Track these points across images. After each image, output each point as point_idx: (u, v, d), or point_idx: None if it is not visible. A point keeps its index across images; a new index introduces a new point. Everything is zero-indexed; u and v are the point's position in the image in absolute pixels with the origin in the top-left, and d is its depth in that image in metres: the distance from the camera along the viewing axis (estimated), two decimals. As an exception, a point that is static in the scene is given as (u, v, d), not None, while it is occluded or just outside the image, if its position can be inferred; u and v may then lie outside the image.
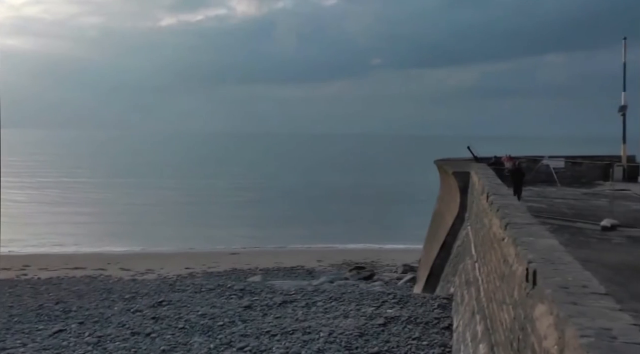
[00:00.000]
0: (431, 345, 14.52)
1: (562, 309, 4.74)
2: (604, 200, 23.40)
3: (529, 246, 7.27)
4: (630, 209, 21.65)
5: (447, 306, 17.49)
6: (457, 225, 24.21)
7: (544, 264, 6.31)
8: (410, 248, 40.88)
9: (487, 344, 9.30)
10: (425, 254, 30.43)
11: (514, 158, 29.12)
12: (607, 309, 4.79)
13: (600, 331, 4.17)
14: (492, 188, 14.63)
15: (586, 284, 5.55)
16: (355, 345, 14.84)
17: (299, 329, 16.12)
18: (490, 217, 11.61)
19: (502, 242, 9.13)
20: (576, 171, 32.94)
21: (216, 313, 18.05)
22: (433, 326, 15.88)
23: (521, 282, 6.77)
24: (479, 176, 18.75)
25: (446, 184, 29.61)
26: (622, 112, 33.93)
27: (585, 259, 11.37)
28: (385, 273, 34.96)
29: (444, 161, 30.57)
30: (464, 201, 23.83)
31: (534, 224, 9.28)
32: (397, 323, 16.22)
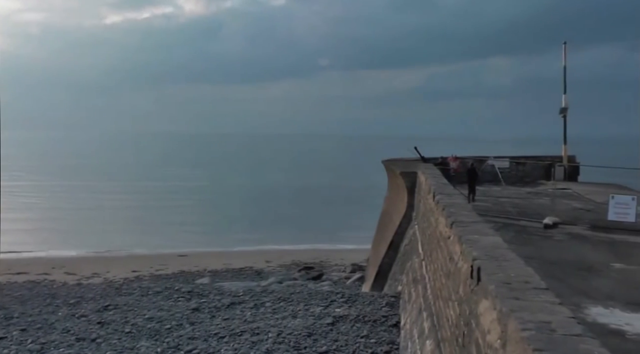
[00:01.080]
0: (379, 343, 14.65)
1: (505, 304, 4.86)
2: (546, 199, 24.02)
3: (473, 244, 7.41)
4: (570, 208, 22.30)
5: (394, 304, 17.68)
6: (405, 224, 24.48)
7: (488, 261, 6.46)
8: (358, 248, 41.12)
9: (434, 341, 9.45)
10: (373, 253, 30.65)
11: (459, 158, 29.61)
12: (548, 303, 4.94)
13: (541, 324, 4.31)
14: (439, 188, 14.86)
15: (528, 279, 5.70)
16: (304, 345, 14.86)
17: (247, 331, 16.04)
18: (437, 216, 11.81)
19: (448, 240, 9.30)
20: (520, 171, 33.68)
21: (164, 316, 17.80)
22: (381, 324, 16.03)
23: (466, 279, 6.91)
24: (426, 176, 19.01)
25: (394, 184, 29.89)
26: (563, 114, 34.91)
27: (528, 256, 11.67)
28: (334, 273, 35.09)
29: (392, 161, 30.82)
30: (411, 201, 24.12)
31: (478, 222, 9.46)
32: (345, 321, 16.31)
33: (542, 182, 31.82)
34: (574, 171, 33.64)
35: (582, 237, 16.53)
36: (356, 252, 39.95)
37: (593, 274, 11.75)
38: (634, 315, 8.91)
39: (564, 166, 33.02)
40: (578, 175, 33.85)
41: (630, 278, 11.58)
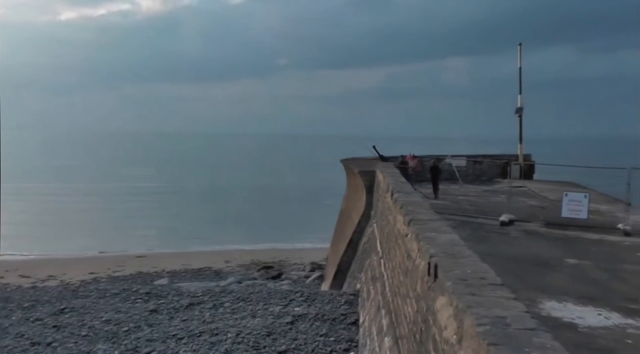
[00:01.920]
0: (338, 341, 14.69)
1: (461, 300, 4.92)
2: (502, 196, 24.41)
3: (431, 242, 7.48)
4: (526, 205, 22.71)
5: (353, 302, 17.75)
6: (363, 223, 24.60)
7: (445, 258, 6.52)
8: (317, 247, 41.21)
9: (392, 338, 9.51)
10: (332, 252, 30.74)
11: (417, 157, 29.94)
12: (503, 298, 5.01)
13: (496, 319, 4.37)
14: (397, 186, 14.96)
15: (484, 276, 5.78)
16: (263, 344, 14.80)
17: (206, 331, 15.90)
18: (395, 215, 11.89)
19: (405, 238, 9.37)
20: (477, 169, 34.20)
21: (121, 318, 17.51)
22: (340, 322, 16.07)
23: (423, 276, 6.97)
24: (384, 175, 19.14)
25: (352, 183, 30.01)
26: (519, 114, 35.62)
27: (485, 253, 11.84)
28: (294, 272, 35.09)
29: (350, 160, 30.95)
30: (370, 199, 24.25)
31: (436, 220, 9.55)
32: (304, 320, 16.31)
33: (499, 180, 32.36)
34: (530, 169, 34.34)
35: (537, 233, 16.85)
36: (315, 251, 40.04)
37: (548, 270, 11.98)
38: (586, 309, 9.12)
39: (520, 165, 33.66)
40: (533, 173, 34.56)
41: (583, 273, 11.85)
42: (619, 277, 11.61)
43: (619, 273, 12.00)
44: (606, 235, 16.60)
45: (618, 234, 16.69)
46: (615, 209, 20.77)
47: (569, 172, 31.20)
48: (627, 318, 8.73)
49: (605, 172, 20.11)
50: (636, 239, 16.01)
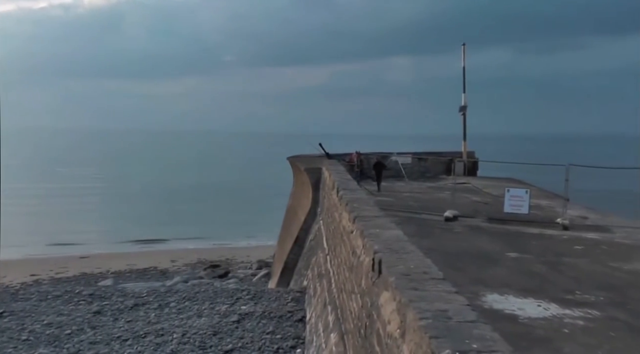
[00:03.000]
0: (285, 338, 14.71)
1: (404, 295, 4.97)
2: (446, 193, 24.79)
3: (375, 238, 7.55)
4: (470, 201, 23.15)
5: (300, 299, 17.78)
6: (310, 220, 24.69)
7: (388, 254, 6.59)
8: (264, 245, 41.14)
9: (338, 333, 9.56)
10: (279, 249, 30.73)
11: (362, 154, 30.22)
12: (445, 292, 5.09)
13: (437, 312, 4.43)
14: (342, 183, 15.05)
15: (426, 270, 5.86)
16: (210, 344, 14.69)
17: (151, 332, 15.67)
18: (340, 211, 11.95)
19: (351, 234, 9.42)
20: (422, 167, 34.67)
21: (63, 321, 17.07)
22: (287, 319, 16.09)
23: (368, 271, 7.02)
24: (330, 172, 19.22)
25: (299, 181, 30.06)
26: (463, 112, 36.31)
27: (429, 248, 12.03)
28: (240, 270, 34.96)
29: (297, 157, 30.98)
30: (316, 197, 24.34)
31: (380, 216, 9.65)
32: (251, 318, 16.26)
33: (443, 177, 32.88)
34: (473, 166, 35.05)
35: (480, 228, 17.18)
36: (262, 249, 39.96)
37: (490, 264, 12.23)
38: (526, 300, 9.35)
39: (464, 162, 34.30)
40: (477, 170, 35.29)
41: (524, 266, 12.15)
42: (557, 269, 11.94)
43: (557, 265, 12.34)
44: (546, 229, 17.05)
45: (557, 228, 17.16)
46: (555, 204, 21.37)
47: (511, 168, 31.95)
48: (565, 308, 8.99)
49: (545, 169, 20.63)
50: (574, 233, 16.51)
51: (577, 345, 7.42)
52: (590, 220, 19.21)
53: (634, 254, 13.77)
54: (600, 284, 10.69)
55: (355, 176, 23.93)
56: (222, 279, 31.70)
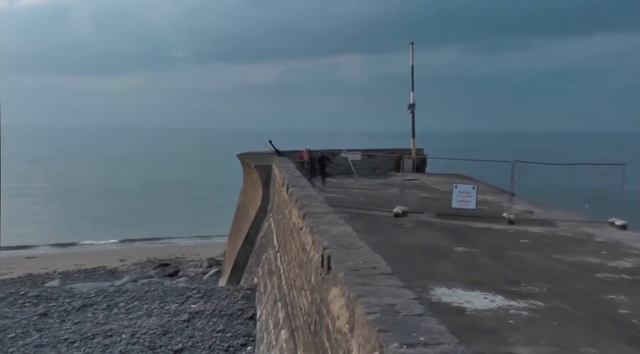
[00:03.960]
0: (235, 336, 14.64)
1: (353, 290, 5.00)
2: (396, 189, 25.05)
3: (324, 234, 7.57)
4: (418, 197, 23.46)
5: (251, 296, 17.73)
6: (260, 217, 24.61)
7: (337, 250, 6.62)
8: (215, 242, 40.85)
9: (289, 330, 9.57)
10: (229, 247, 30.56)
11: (312, 151, 30.29)
12: (393, 287, 5.14)
13: (386, 307, 4.48)
14: (292, 180, 15.05)
15: (375, 265, 5.90)
16: (159, 344, 14.52)
17: (99, 333, 15.39)
18: (290, 208, 11.95)
19: (300, 231, 9.43)
20: (372, 163, 34.94)
21: (7, 324, 16.59)
22: (237, 317, 16.02)
23: (317, 268, 7.05)
24: (280, 169, 19.19)
25: (249, 178, 29.93)
26: (411, 110, 36.79)
27: (379, 243, 12.14)
28: (191, 269, 34.60)
29: (247, 155, 30.84)
30: (267, 194, 24.28)
31: (330, 213, 9.67)
32: (201, 317, 16.13)
33: (393, 173, 33.19)
34: (422, 162, 35.53)
35: (429, 224, 17.43)
36: (213, 246, 39.66)
37: (438, 258, 12.42)
38: (473, 293, 9.54)
39: (413, 158, 34.72)
40: (426, 167, 35.78)
41: (471, 260, 12.38)
42: (503, 262, 12.22)
43: (503, 258, 12.63)
44: (492, 224, 17.42)
45: (503, 222, 17.55)
46: (501, 200, 21.82)
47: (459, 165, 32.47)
48: (510, 300, 9.21)
49: (492, 165, 21.07)
50: (519, 227, 16.91)
51: (522, 335, 7.61)
52: (535, 214, 19.71)
53: (575, 247, 14.19)
54: (543, 276, 10.99)
55: (305, 173, 23.97)
56: (172, 278, 31.32)
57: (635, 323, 8.35)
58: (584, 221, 18.72)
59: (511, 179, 19.12)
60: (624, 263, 12.39)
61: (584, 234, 16.14)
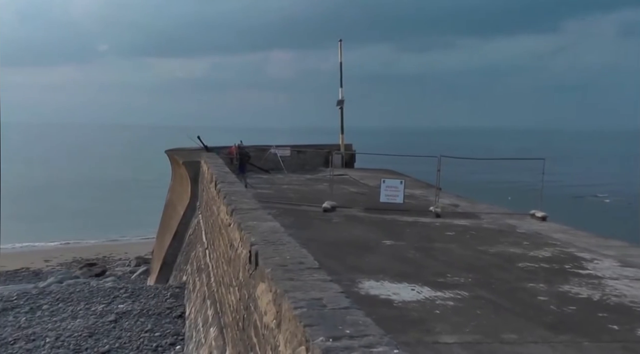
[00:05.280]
0: (164, 335, 14.41)
1: (280, 285, 5.02)
2: (325, 184, 25.16)
3: (252, 230, 7.56)
4: (347, 192, 23.65)
5: (179, 294, 17.50)
6: (189, 214, 24.33)
7: (265, 245, 6.62)
8: (143, 241, 40.11)
9: (217, 327, 9.50)
10: (158, 245, 30.09)
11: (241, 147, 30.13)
12: (320, 281, 5.18)
13: (312, 301, 4.51)
14: (220, 176, 14.94)
15: (302, 260, 5.94)
16: (85, 346, 14.14)
17: (21, 338, 14.84)
18: (219, 205, 11.86)
19: (229, 227, 9.38)
20: (301, 159, 34.99)
21: None
22: (166, 316, 15.78)
23: (245, 264, 7.03)
24: (209, 165, 19.01)
25: (177, 174, 29.53)
26: (340, 106, 37.09)
27: (308, 239, 12.19)
28: (118, 268, 33.86)
29: (175, 150, 30.38)
30: (195, 190, 24.02)
31: (258, 209, 9.66)
32: (129, 317, 15.80)
33: (322, 169, 33.33)
34: (351, 158, 35.87)
35: (358, 218, 17.60)
36: (141, 245, 38.93)
37: (367, 252, 12.56)
38: (401, 285, 9.71)
39: (342, 154, 35.00)
40: (354, 162, 36.14)
41: (398, 253, 12.58)
42: (430, 255, 12.47)
43: (429, 251, 12.89)
44: (419, 217, 17.73)
45: (430, 216, 17.90)
46: (428, 194, 22.25)
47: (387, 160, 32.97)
48: (437, 291, 9.42)
49: (419, 160, 21.44)
50: (445, 220, 17.29)
51: (448, 324, 7.80)
52: (461, 208, 20.20)
53: (498, 238, 14.63)
54: (468, 267, 11.28)
55: (234, 169, 23.81)
56: (99, 277, 30.56)
57: (553, 309, 8.70)
58: (507, 214, 19.31)
59: (437, 173, 19.52)
60: (543, 253, 12.86)
61: (506, 226, 16.64)
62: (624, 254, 12.80)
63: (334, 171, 24.17)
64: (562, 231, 15.84)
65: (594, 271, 11.19)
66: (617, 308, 8.88)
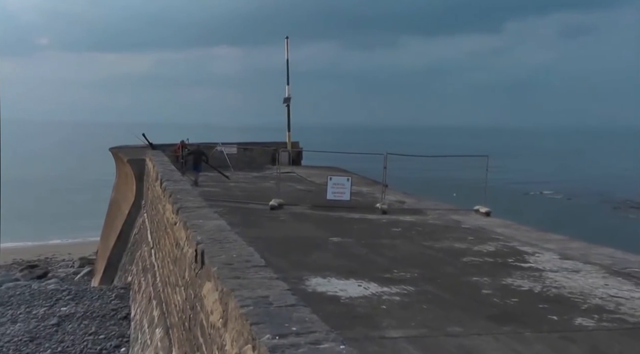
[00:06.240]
0: (108, 338, 14.14)
1: (226, 284, 4.98)
2: (272, 182, 25.12)
3: (198, 229, 7.49)
4: (294, 189, 23.67)
5: (124, 295, 17.20)
6: (134, 213, 23.94)
7: (211, 244, 6.57)
8: (87, 241, 39.22)
9: (163, 328, 9.38)
10: (102, 245, 29.53)
11: (187, 144, 29.82)
12: (266, 279, 5.16)
13: (259, 299, 4.49)
14: (166, 174, 14.74)
15: (249, 258, 5.91)
16: (26, 351, 13.75)
17: (-44, 345, 14.34)
18: (164, 203, 11.70)
19: (174, 226, 9.27)
20: (248, 157, 34.88)
21: None
22: (110, 317, 15.49)
23: (191, 263, 6.95)
24: (154, 163, 18.74)
25: (122, 172, 29.04)
26: (287, 103, 37.10)
27: (255, 237, 12.13)
28: (61, 269, 33.04)
29: (120, 148, 29.89)
30: (140, 189, 23.65)
31: (204, 207, 9.57)
32: (72, 320, 15.44)
33: (269, 166, 33.28)
34: (298, 155, 35.93)
35: (305, 216, 17.63)
36: (85, 245, 38.04)
37: (314, 249, 12.58)
38: (348, 282, 9.76)
39: (288, 151, 35.00)
40: (301, 159, 36.21)
41: (345, 250, 12.65)
42: (376, 251, 12.57)
43: (376, 247, 13.00)
44: (366, 214, 17.86)
45: (377, 212, 18.05)
46: (375, 191, 22.46)
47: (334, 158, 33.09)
48: (383, 286, 9.50)
49: (366, 157, 21.59)
50: (391, 217, 17.47)
51: (394, 319, 7.88)
52: (407, 204, 20.45)
53: (444, 234, 14.86)
54: (414, 262, 11.43)
55: (180, 167, 23.52)
56: (41, 280, 29.76)
57: (496, 302, 8.89)
58: (452, 209, 19.65)
59: (384, 170, 19.68)
60: (487, 247, 13.13)
61: (451, 222, 16.93)
62: (564, 248, 13.19)
63: (281, 169, 24.13)
64: (505, 226, 16.21)
65: (535, 264, 11.48)
66: (556, 299, 9.14)
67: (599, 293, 9.41)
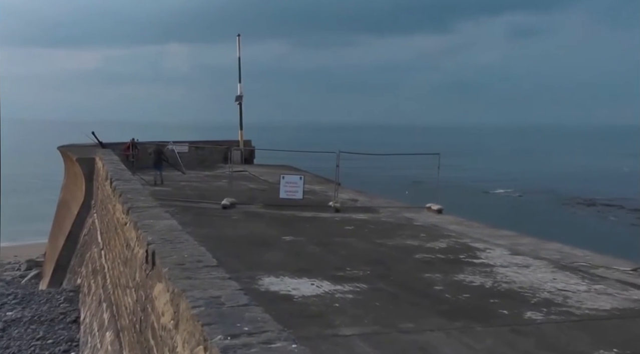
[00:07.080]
0: (57, 342, 13.79)
1: (177, 284, 4.91)
2: (224, 181, 24.95)
3: (149, 229, 7.37)
4: (247, 188, 23.57)
5: (74, 298, 16.82)
6: (84, 213, 23.43)
7: (162, 244, 6.47)
8: (35, 243, 38.18)
9: (114, 331, 9.21)
10: (50, 246, 28.85)
11: (137, 143, 29.41)
12: (218, 279, 5.11)
13: (210, 299, 4.44)
14: (116, 174, 14.49)
15: (200, 258, 5.84)
16: (-31, 358, 13.32)
17: None
18: (114, 203, 11.50)
19: (124, 226, 9.11)
20: (199, 155, 34.57)
21: None
22: (59, 321, 15.12)
23: (142, 264, 6.84)
24: (103, 162, 18.40)
25: (71, 172, 28.45)
26: (239, 102, 36.91)
27: (206, 236, 12.03)
28: (7, 272, 32.06)
29: (68, 147, 29.24)
30: (90, 188, 23.19)
31: (155, 207, 9.43)
32: (18, 325, 15.00)
33: (221, 165, 33.06)
34: (250, 154, 35.76)
35: (257, 215, 17.57)
36: (32, 247, 37.00)
37: (266, 248, 12.54)
38: (301, 280, 9.76)
39: (241, 150, 34.83)
40: (254, 158, 36.05)
41: (298, 248, 12.65)
42: (329, 249, 12.62)
43: (329, 245, 13.04)
44: (319, 212, 17.91)
45: (329, 211, 18.11)
46: (327, 189, 22.52)
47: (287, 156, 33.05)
48: (336, 285, 9.53)
49: (318, 156, 21.64)
50: (344, 215, 17.54)
51: (347, 317, 7.92)
52: (360, 202, 20.57)
53: (396, 231, 15.00)
54: (367, 260, 11.50)
55: (130, 166, 23.16)
56: (-15, 283, 28.89)
57: (448, 297, 9.02)
58: (404, 207, 19.85)
59: (336, 169, 19.75)
60: (439, 244, 13.30)
61: (404, 219, 17.09)
62: (514, 243, 13.47)
63: (233, 168, 24.00)
64: (457, 223, 16.46)
65: (486, 260, 11.69)
66: (507, 293, 9.32)
67: (548, 287, 9.65)
